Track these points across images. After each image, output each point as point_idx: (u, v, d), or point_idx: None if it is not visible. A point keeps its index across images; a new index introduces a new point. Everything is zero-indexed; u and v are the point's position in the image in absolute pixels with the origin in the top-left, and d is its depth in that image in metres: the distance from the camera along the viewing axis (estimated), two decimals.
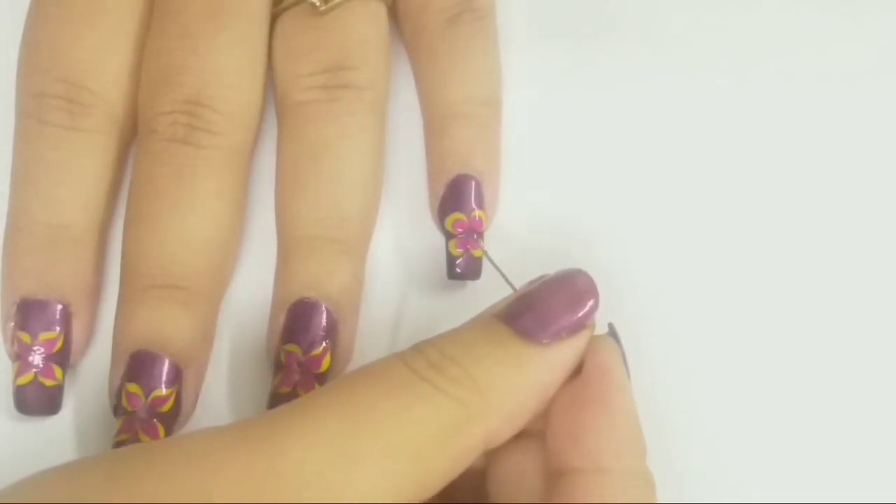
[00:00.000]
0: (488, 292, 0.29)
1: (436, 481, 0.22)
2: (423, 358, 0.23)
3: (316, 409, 0.21)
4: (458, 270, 0.30)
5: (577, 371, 0.24)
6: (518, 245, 0.31)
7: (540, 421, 0.24)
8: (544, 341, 0.23)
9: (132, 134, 0.31)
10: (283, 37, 0.31)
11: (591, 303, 0.24)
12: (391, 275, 0.31)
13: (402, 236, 0.31)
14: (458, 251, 0.30)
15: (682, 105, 0.33)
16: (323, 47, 0.30)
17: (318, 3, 0.30)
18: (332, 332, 0.28)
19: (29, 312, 0.27)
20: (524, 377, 0.23)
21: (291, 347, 0.28)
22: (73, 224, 0.28)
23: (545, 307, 0.24)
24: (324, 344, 0.28)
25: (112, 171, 0.30)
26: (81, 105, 0.29)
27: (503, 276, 0.28)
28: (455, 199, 0.30)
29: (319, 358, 0.28)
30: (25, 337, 0.27)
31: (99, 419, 0.28)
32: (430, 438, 0.21)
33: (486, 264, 0.30)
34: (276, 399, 0.28)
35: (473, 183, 0.30)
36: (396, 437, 0.21)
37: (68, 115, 0.29)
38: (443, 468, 0.22)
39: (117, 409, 0.27)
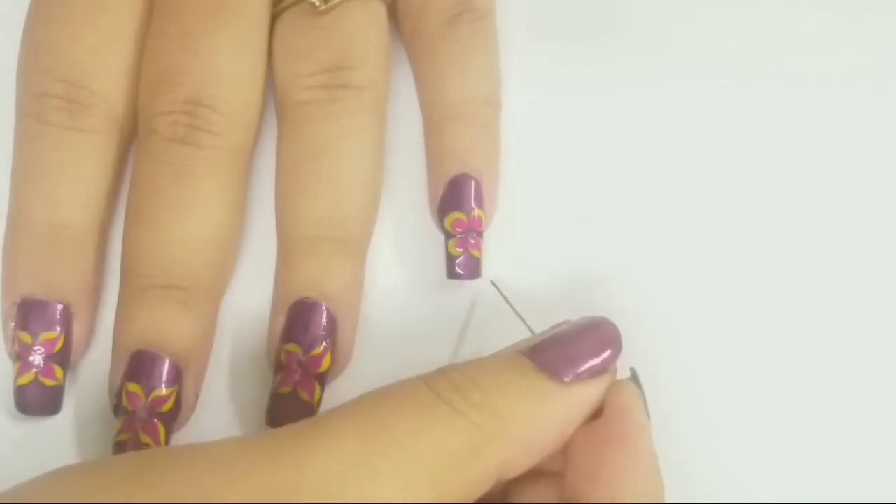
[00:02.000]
0: (489, 292, 0.30)
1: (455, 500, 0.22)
2: (446, 380, 0.23)
3: (338, 425, 0.22)
4: (458, 270, 0.30)
5: (597, 414, 0.25)
6: (516, 245, 0.31)
7: (558, 460, 0.24)
8: (567, 380, 0.24)
9: (132, 134, 0.30)
10: (283, 37, 0.31)
11: (613, 349, 0.25)
12: (391, 274, 0.31)
13: (402, 236, 0.31)
14: (457, 251, 0.30)
15: (681, 105, 0.33)
16: (323, 47, 0.30)
17: (317, 3, 0.30)
18: (332, 331, 0.28)
19: (29, 312, 0.27)
20: (544, 410, 0.23)
21: (292, 347, 0.28)
22: (73, 224, 0.28)
23: (570, 348, 0.24)
24: (324, 344, 0.28)
25: (112, 170, 0.30)
26: (82, 105, 0.29)
27: (513, 309, 0.28)
28: (454, 198, 0.30)
29: (320, 358, 0.28)
30: (26, 337, 0.27)
31: (99, 419, 0.28)
32: (448, 460, 0.22)
33: (487, 266, 0.30)
34: (276, 399, 0.28)
35: (473, 182, 0.30)
36: (414, 455, 0.22)
37: (68, 115, 0.29)
38: (458, 490, 0.22)
39: (117, 409, 0.27)
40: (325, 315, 0.28)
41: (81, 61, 0.29)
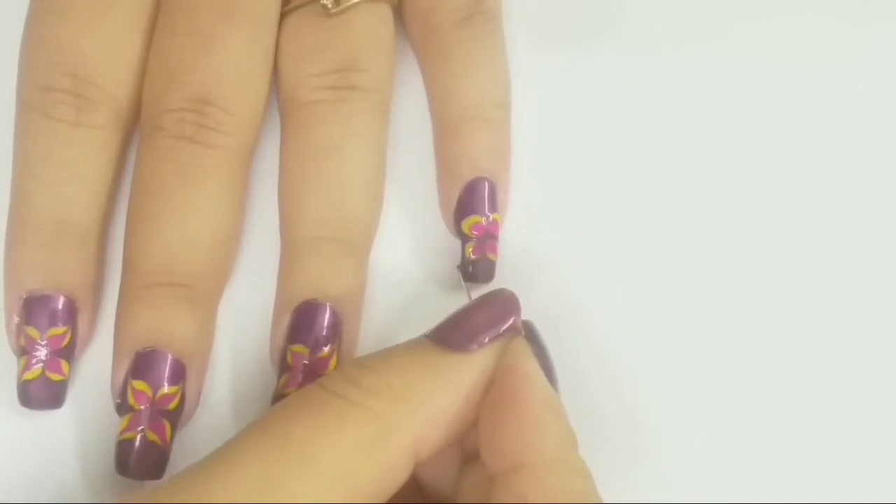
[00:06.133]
0: None
1: (372, 495, 0.22)
2: (341, 375, 0.23)
3: (238, 448, 0.22)
4: (475, 273, 0.30)
5: None
6: (521, 246, 0.31)
7: None
8: (469, 350, 0.24)
9: (135, 128, 0.30)
10: (292, 37, 0.31)
11: (513, 319, 0.24)
12: (393, 275, 0.31)
13: (404, 237, 0.32)
14: (474, 254, 0.30)
15: (685, 105, 0.34)
16: (332, 48, 0.30)
17: (329, 5, 0.30)
18: (337, 333, 0.28)
19: (36, 308, 0.27)
20: (444, 381, 0.23)
21: (299, 348, 0.28)
22: (79, 220, 0.28)
23: (468, 324, 0.24)
24: (330, 345, 0.28)
25: (115, 166, 0.30)
26: (89, 101, 0.29)
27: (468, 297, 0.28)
28: (472, 202, 0.30)
29: (326, 360, 0.28)
30: (33, 332, 0.27)
31: (100, 416, 0.28)
32: (352, 454, 0.21)
33: (499, 268, 0.30)
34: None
35: (489, 186, 0.30)
36: (315, 459, 0.21)
37: (75, 111, 0.29)
38: (375, 481, 0.22)
39: (122, 407, 0.27)
40: (330, 316, 0.28)
41: (89, 56, 0.29)
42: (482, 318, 0.24)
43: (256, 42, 0.30)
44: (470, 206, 0.30)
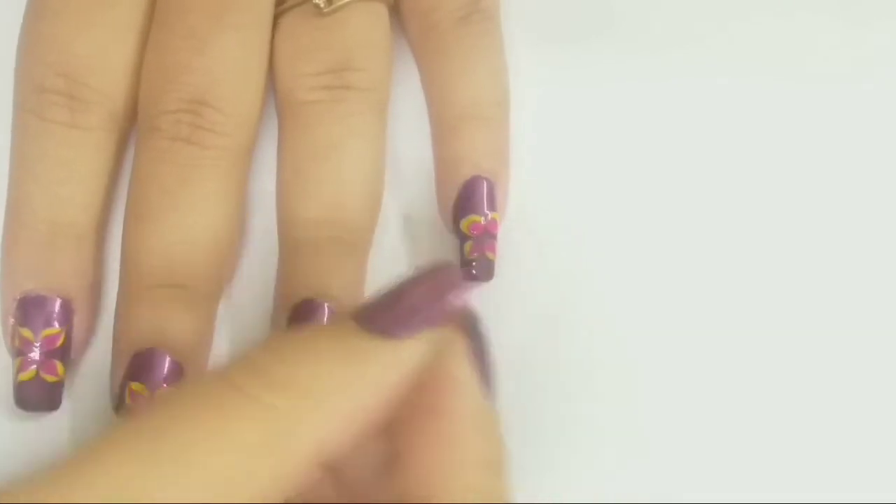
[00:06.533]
0: (494, 292, 0.30)
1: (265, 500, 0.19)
2: (246, 363, 0.19)
3: (107, 451, 0.18)
4: (474, 273, 0.30)
5: None
6: (520, 245, 0.31)
7: None
8: (399, 335, 0.20)
9: (132, 128, 0.30)
10: (287, 36, 0.31)
11: (451, 296, 0.21)
12: (392, 275, 0.31)
13: (403, 237, 0.31)
14: (473, 254, 0.30)
15: (684, 105, 0.33)
16: (327, 48, 0.30)
17: (322, 5, 0.30)
18: None
19: (31, 308, 0.27)
20: (361, 372, 0.20)
21: None
22: (76, 222, 0.28)
23: (402, 301, 0.20)
24: None
25: (112, 166, 0.30)
26: (83, 102, 0.29)
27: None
28: (470, 201, 0.30)
29: None
30: (27, 333, 0.27)
31: (99, 417, 0.28)
32: (240, 460, 0.18)
33: (497, 267, 0.30)
34: None
35: (488, 185, 0.30)
36: (192, 466, 0.18)
37: (69, 112, 0.28)
38: (265, 489, 0.19)
39: (120, 409, 0.27)
40: (329, 316, 0.28)
41: (84, 57, 0.29)
42: (416, 296, 0.20)
43: (251, 42, 0.30)
44: (468, 205, 0.30)
